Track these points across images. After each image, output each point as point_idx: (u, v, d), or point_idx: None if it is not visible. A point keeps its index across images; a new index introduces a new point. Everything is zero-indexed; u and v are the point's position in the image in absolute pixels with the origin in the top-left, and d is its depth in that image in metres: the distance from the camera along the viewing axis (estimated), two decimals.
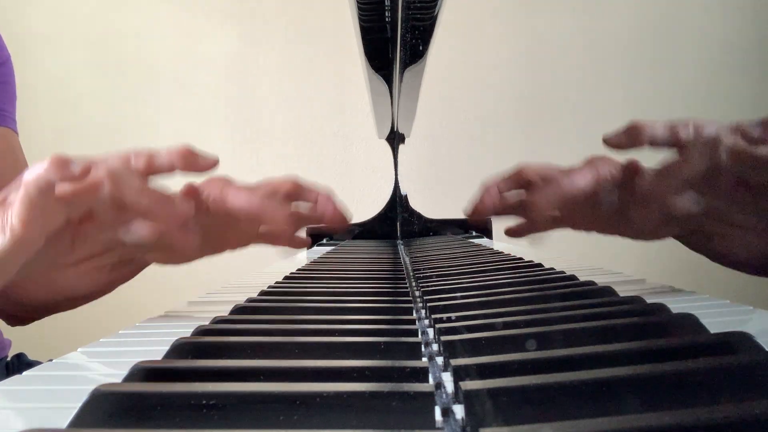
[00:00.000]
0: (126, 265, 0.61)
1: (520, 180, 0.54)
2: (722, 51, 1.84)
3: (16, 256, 0.41)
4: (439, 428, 0.21)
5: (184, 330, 0.36)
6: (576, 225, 0.53)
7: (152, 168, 0.48)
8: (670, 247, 0.67)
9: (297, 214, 0.52)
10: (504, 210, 0.54)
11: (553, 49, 1.88)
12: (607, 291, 0.41)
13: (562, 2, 1.89)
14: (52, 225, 0.43)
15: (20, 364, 0.79)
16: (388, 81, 0.74)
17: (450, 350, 0.29)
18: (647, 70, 1.88)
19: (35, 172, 0.40)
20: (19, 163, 0.80)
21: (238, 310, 0.42)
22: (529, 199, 0.51)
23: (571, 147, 1.88)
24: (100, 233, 0.47)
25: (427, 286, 0.48)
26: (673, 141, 0.49)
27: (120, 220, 0.46)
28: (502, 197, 0.53)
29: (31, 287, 0.71)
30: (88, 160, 0.44)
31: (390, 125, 1.05)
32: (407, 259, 0.76)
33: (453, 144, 1.88)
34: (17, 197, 0.41)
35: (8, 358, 0.81)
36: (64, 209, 0.43)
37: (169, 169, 0.49)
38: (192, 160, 0.50)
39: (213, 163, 0.52)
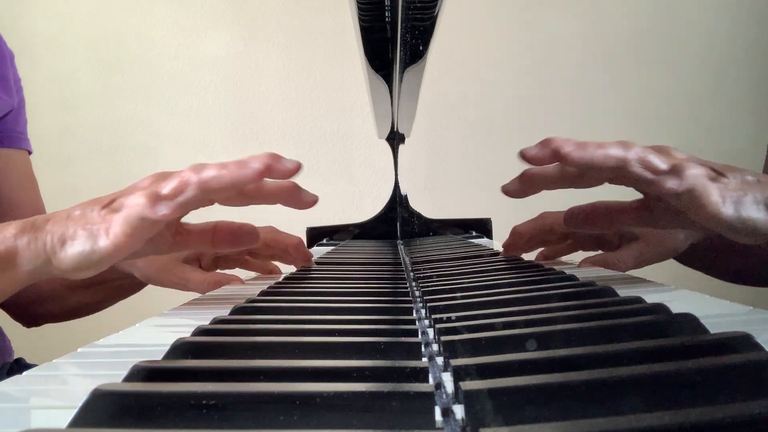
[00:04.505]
0: (138, 287, 0.75)
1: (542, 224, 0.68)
2: (722, 51, 1.84)
3: (112, 258, 0.47)
4: (439, 428, 0.21)
5: (184, 330, 0.36)
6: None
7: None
8: None
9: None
10: (529, 248, 0.73)
11: (553, 49, 1.88)
12: (607, 291, 0.41)
13: (562, 2, 1.89)
14: (151, 234, 0.47)
15: (19, 368, 0.81)
16: (388, 81, 0.74)
17: (450, 350, 0.29)
18: (647, 70, 1.88)
19: (138, 197, 0.46)
20: (33, 182, 0.87)
21: (238, 310, 0.42)
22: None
23: None
24: (193, 240, 0.54)
25: (427, 286, 0.48)
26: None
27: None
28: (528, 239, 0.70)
29: (47, 302, 0.78)
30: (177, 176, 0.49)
31: (390, 125, 1.05)
32: (407, 259, 0.76)
33: (453, 144, 1.88)
34: (122, 212, 0.46)
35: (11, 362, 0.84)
36: (162, 223, 0.48)
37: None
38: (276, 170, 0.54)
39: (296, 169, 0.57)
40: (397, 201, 1.12)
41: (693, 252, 0.70)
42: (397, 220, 1.12)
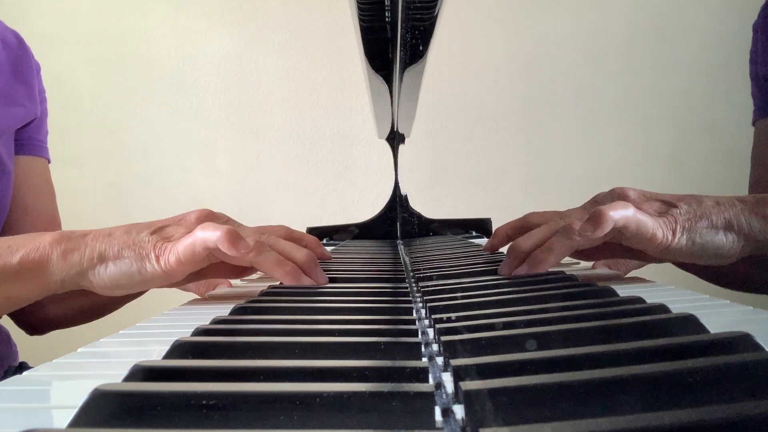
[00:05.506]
0: (139, 294, 0.72)
1: (526, 226, 0.65)
2: (721, 51, 1.84)
3: (157, 283, 0.49)
4: (439, 428, 0.21)
5: (184, 330, 0.36)
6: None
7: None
8: None
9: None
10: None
11: (553, 49, 1.88)
12: (607, 291, 0.41)
13: (562, 2, 1.89)
14: (196, 269, 0.50)
15: (22, 372, 0.82)
16: (388, 81, 0.74)
17: (450, 350, 0.29)
18: (646, 70, 1.88)
19: (209, 232, 0.48)
20: (51, 190, 0.88)
21: (237, 310, 0.42)
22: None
23: (570, 147, 1.88)
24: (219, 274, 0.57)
25: (427, 286, 0.48)
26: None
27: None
28: (509, 239, 0.66)
29: (47, 306, 0.78)
30: (254, 239, 0.53)
31: (390, 125, 1.05)
32: (407, 259, 0.76)
33: (453, 144, 1.88)
34: (183, 242, 0.48)
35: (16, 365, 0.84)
36: (210, 260, 0.51)
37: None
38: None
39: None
40: (397, 201, 1.12)
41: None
42: (397, 220, 1.12)
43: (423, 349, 0.30)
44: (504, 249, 0.75)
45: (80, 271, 0.48)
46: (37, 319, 0.83)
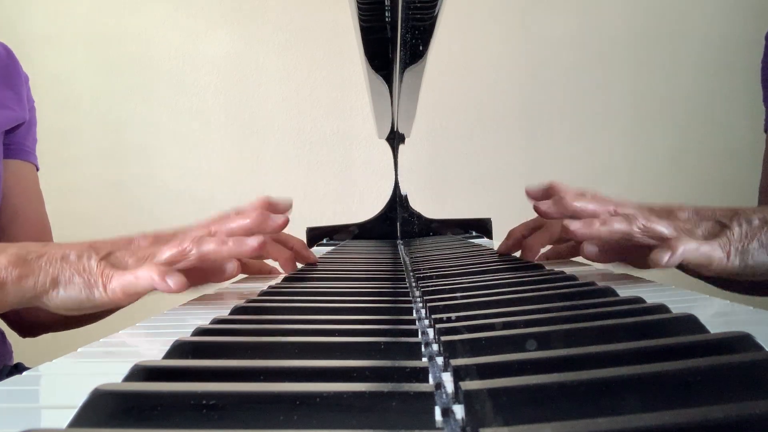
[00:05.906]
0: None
1: (540, 226, 0.67)
2: (722, 51, 1.84)
3: (107, 307, 0.51)
4: (439, 428, 0.21)
5: (184, 330, 0.36)
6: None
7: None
8: None
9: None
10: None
11: (553, 49, 1.88)
12: (607, 291, 0.41)
13: (562, 2, 1.89)
14: (142, 296, 0.51)
15: (19, 373, 0.82)
16: (388, 81, 0.74)
17: (450, 350, 0.29)
18: (646, 70, 1.88)
19: (145, 273, 0.49)
20: (39, 196, 0.88)
21: (237, 310, 0.42)
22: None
23: (570, 147, 1.88)
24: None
25: (427, 286, 0.48)
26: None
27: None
28: (524, 239, 0.68)
29: (42, 312, 0.78)
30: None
31: (390, 125, 1.05)
32: (407, 259, 0.76)
33: (453, 144, 1.88)
34: (128, 276, 0.49)
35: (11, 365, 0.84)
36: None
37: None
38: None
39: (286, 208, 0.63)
40: (397, 201, 1.12)
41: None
42: (397, 220, 1.12)
43: (423, 349, 0.30)
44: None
45: (35, 295, 0.50)
46: (28, 322, 0.84)
